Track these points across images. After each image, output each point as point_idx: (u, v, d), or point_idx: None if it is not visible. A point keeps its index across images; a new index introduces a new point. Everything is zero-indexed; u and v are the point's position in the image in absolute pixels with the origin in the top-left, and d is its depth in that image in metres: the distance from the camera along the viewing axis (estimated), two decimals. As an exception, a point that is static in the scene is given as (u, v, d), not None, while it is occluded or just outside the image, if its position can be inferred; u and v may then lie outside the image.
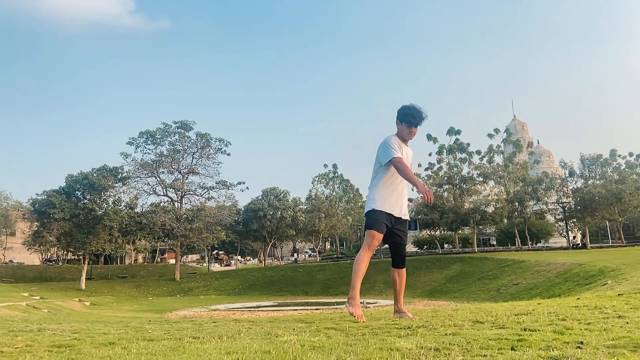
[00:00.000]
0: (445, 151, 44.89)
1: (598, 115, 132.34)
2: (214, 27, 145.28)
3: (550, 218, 46.03)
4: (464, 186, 43.00)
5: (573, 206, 42.01)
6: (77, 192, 37.94)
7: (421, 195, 4.03)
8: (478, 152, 44.56)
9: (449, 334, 2.95)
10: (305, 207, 50.53)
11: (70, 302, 26.39)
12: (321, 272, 37.37)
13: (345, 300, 4.51)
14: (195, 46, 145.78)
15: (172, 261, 52.30)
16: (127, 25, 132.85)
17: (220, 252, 68.31)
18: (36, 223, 39.84)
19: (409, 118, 4.24)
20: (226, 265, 63.58)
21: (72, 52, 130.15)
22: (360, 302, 4.53)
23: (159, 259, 66.51)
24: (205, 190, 43.88)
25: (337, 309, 17.62)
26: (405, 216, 4.33)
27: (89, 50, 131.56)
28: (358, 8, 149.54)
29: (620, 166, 42.81)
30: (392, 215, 4.21)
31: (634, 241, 43.79)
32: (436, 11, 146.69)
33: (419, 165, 47.51)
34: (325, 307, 19.94)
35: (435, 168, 45.80)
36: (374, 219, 4.17)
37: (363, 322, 3.99)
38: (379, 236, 4.18)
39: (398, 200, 4.26)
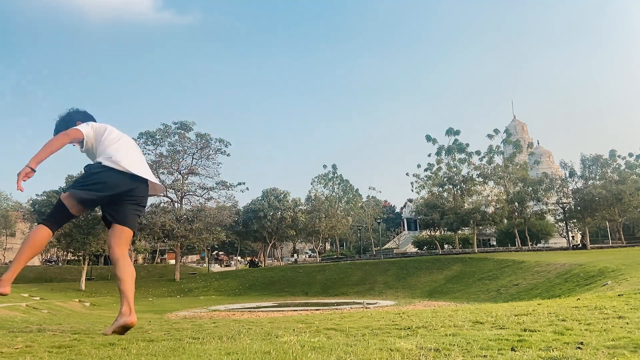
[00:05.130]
0: (444, 152, 44.90)
1: (598, 115, 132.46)
2: (213, 27, 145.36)
3: (550, 218, 46.03)
4: (464, 186, 43.01)
5: (573, 207, 42.02)
6: (77, 192, 37.95)
7: None
8: (477, 153, 44.58)
9: (449, 335, 2.95)
10: (305, 207, 50.54)
11: (70, 302, 26.37)
12: (321, 272, 37.35)
13: (343, 300, 4.56)
14: (194, 47, 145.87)
15: (172, 262, 52.31)
16: (131, 24, 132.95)
17: (220, 253, 68.33)
18: (36, 224, 39.81)
19: None
20: (226, 266, 63.60)
21: (73, 52, 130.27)
22: (360, 303, 4.54)
23: (158, 260, 66.52)
24: (205, 190, 43.92)
25: (337, 309, 17.60)
26: None
27: (89, 50, 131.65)
28: (355, 9, 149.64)
29: (620, 167, 42.84)
30: None
31: (634, 242, 43.78)
32: (435, 11, 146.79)
33: (418, 166, 47.55)
34: (326, 307, 19.92)
35: (434, 169, 45.81)
36: None
37: None
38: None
39: None
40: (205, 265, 57.83)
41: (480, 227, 46.56)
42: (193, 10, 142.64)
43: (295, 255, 67.26)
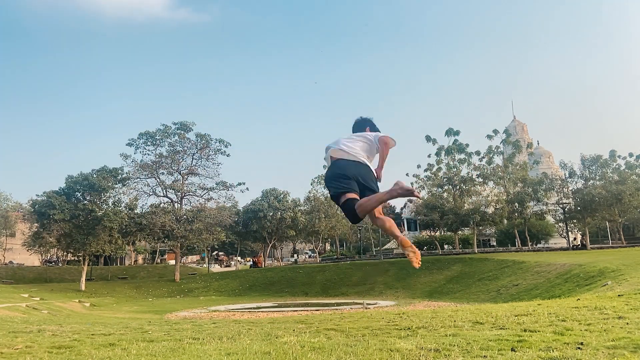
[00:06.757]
0: (444, 152, 44.85)
1: (598, 115, 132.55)
2: (213, 27, 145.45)
3: (550, 219, 46.00)
4: (464, 187, 42.98)
5: (573, 207, 42.01)
6: (77, 193, 37.94)
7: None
8: (477, 153, 44.52)
9: (449, 335, 2.95)
10: (304, 208, 50.52)
11: (70, 303, 26.38)
12: (321, 273, 37.36)
13: (345, 300, 4.54)
14: (194, 48, 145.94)
15: (172, 262, 52.29)
16: (137, 22, 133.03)
17: (220, 253, 68.30)
18: (36, 224, 39.83)
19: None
20: (226, 267, 63.58)
21: (75, 53, 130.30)
22: (360, 303, 4.49)
23: (158, 260, 66.48)
24: (205, 191, 43.89)
25: (337, 309, 17.59)
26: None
27: (90, 50, 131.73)
28: (355, 10, 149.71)
29: (620, 167, 42.82)
30: None
31: (634, 242, 43.76)
32: (435, 11, 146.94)
33: (418, 166, 47.55)
34: (326, 308, 19.90)
35: (434, 169, 45.77)
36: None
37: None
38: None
39: None
40: (205, 265, 57.80)
41: (480, 228, 46.54)
42: (205, 8, 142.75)
43: (295, 255, 67.20)
